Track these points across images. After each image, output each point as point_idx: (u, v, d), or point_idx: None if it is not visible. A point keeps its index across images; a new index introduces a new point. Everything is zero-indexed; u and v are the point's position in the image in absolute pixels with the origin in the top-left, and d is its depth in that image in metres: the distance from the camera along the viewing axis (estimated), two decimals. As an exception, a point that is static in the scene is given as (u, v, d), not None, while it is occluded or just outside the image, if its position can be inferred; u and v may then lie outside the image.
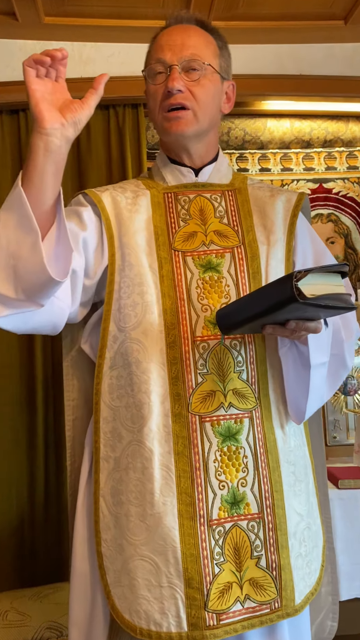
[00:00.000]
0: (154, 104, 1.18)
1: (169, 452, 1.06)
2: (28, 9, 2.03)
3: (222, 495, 1.07)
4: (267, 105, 2.34)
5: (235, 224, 1.20)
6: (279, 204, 1.24)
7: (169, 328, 1.09)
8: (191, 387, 1.08)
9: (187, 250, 1.15)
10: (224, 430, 1.09)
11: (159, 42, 1.19)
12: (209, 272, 1.14)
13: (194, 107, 1.15)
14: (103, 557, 1.08)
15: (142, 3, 2.03)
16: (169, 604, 1.02)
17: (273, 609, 1.08)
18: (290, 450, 1.14)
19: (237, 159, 2.44)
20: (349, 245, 2.49)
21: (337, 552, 1.60)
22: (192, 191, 1.22)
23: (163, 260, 1.14)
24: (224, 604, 1.04)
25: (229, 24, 2.18)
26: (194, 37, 1.18)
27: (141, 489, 1.05)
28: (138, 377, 1.08)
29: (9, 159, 2.24)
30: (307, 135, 2.43)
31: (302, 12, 2.15)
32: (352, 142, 2.46)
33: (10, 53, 2.22)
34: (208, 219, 1.19)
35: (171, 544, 1.03)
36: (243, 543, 1.07)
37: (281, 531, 1.09)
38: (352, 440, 1.96)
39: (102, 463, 1.10)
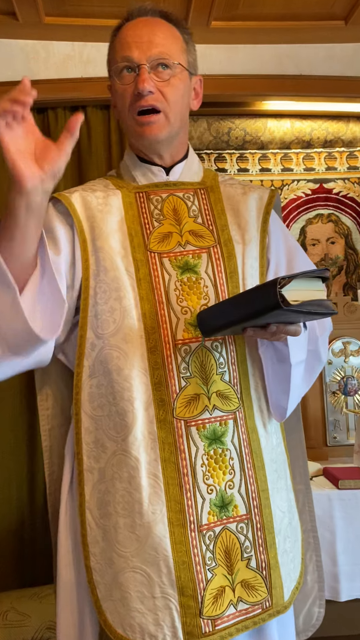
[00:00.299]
0: (123, 104, 1.13)
1: (156, 459, 1.03)
2: (28, 9, 2.03)
3: (210, 499, 1.06)
4: (267, 106, 2.34)
5: (209, 224, 1.18)
6: (252, 202, 1.23)
7: (149, 332, 1.07)
8: (175, 391, 1.06)
9: (164, 251, 1.12)
10: (209, 434, 1.07)
11: (124, 37, 1.13)
12: (186, 273, 1.12)
13: (165, 109, 1.12)
14: (92, 571, 1.04)
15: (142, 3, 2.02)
16: (163, 615, 1.00)
17: (264, 609, 1.08)
18: (273, 448, 1.15)
19: (238, 159, 2.44)
20: (349, 246, 2.49)
21: (338, 553, 1.60)
22: (164, 190, 1.18)
23: (139, 262, 1.10)
24: (218, 609, 1.03)
25: (229, 24, 2.18)
26: (161, 33, 1.13)
27: (129, 499, 1.03)
28: (120, 384, 1.05)
29: (10, 159, 2.24)
30: (307, 136, 2.43)
31: (303, 13, 2.15)
32: (353, 143, 2.46)
33: (10, 53, 2.22)
34: (182, 219, 1.17)
35: (163, 553, 1.01)
36: (233, 545, 1.07)
37: (269, 530, 1.10)
38: (352, 440, 1.96)
39: (86, 475, 1.07)
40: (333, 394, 1.98)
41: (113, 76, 1.14)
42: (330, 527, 1.61)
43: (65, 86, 2.20)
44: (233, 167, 2.44)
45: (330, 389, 1.98)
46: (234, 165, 2.43)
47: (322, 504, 1.62)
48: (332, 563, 1.61)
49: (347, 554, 1.61)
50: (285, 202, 2.47)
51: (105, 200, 1.15)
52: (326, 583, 1.60)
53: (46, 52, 2.24)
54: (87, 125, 2.24)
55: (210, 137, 2.39)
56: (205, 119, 2.37)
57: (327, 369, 1.99)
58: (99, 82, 2.13)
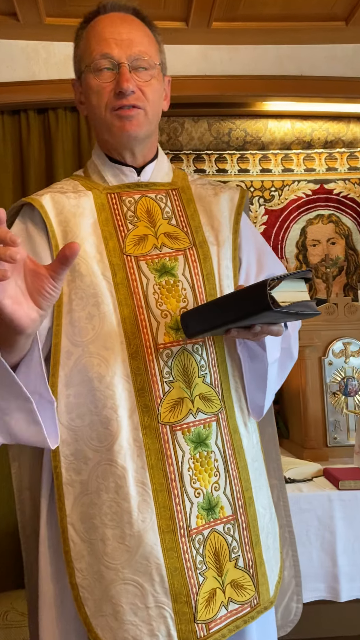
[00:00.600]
0: (99, 101, 1.09)
1: (143, 467, 1.01)
2: (29, 10, 2.03)
3: (198, 502, 1.05)
4: (268, 106, 2.34)
5: (183, 225, 1.17)
6: (224, 203, 1.22)
7: (129, 338, 1.04)
8: (159, 397, 1.04)
9: (140, 254, 1.10)
10: (194, 437, 1.06)
11: (101, 33, 1.10)
12: (164, 276, 1.10)
13: (145, 107, 1.10)
14: (79, 588, 1.01)
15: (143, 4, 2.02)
16: (158, 624, 0.99)
17: (253, 606, 1.08)
18: (253, 446, 1.15)
19: (238, 160, 2.44)
20: (349, 246, 2.49)
21: (338, 553, 1.60)
22: (136, 191, 1.16)
23: (116, 266, 1.07)
24: (211, 612, 1.03)
25: (230, 24, 2.18)
26: (138, 32, 1.12)
27: (117, 509, 1.00)
28: (102, 392, 1.03)
29: (10, 159, 2.24)
30: (308, 136, 2.43)
31: (303, 13, 2.15)
32: (353, 143, 2.46)
33: (11, 54, 2.22)
34: (157, 221, 1.14)
35: (155, 561, 0.99)
36: (221, 547, 1.06)
37: (254, 528, 1.10)
38: (353, 441, 1.96)
39: (65, 488, 1.03)
40: (333, 394, 1.98)
41: (87, 72, 1.10)
42: (330, 528, 1.61)
43: (66, 86, 2.18)
44: (234, 168, 2.44)
45: (331, 390, 1.98)
46: (235, 165, 2.43)
47: (323, 504, 1.62)
48: (332, 564, 1.60)
49: (348, 554, 1.61)
50: (285, 202, 2.47)
51: (78, 202, 1.11)
52: (326, 584, 1.60)
53: (47, 52, 2.24)
54: (88, 126, 2.25)
55: (210, 138, 2.39)
56: (206, 120, 2.37)
57: (328, 370, 1.99)
58: (100, 83, 2.13)
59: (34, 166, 2.23)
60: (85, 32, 1.13)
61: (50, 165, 2.24)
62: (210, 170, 2.42)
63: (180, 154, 2.40)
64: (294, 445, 2.08)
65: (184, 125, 2.35)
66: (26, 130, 2.24)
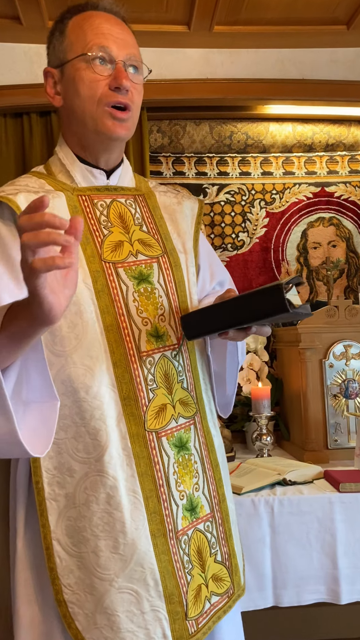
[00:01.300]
0: (91, 93, 1.05)
1: (133, 475, 1.01)
2: (32, 13, 2.04)
3: (182, 504, 1.07)
4: (269, 109, 2.35)
5: (154, 232, 1.17)
6: (186, 211, 1.24)
7: (113, 346, 1.03)
8: (145, 404, 1.04)
9: (118, 261, 1.08)
10: (177, 442, 1.08)
11: (97, 26, 1.07)
12: (142, 283, 1.09)
13: (133, 110, 1.09)
14: (67, 604, 0.99)
15: (145, 7, 2.04)
16: (154, 627, 1.00)
17: (229, 596, 1.12)
18: (220, 444, 1.19)
19: (240, 163, 2.45)
20: (350, 249, 2.49)
21: (338, 556, 1.60)
22: (106, 195, 1.13)
23: (96, 273, 1.05)
24: (199, 608, 1.05)
25: (232, 28, 2.19)
26: (130, 36, 1.11)
27: (108, 519, 0.99)
28: (89, 403, 1.01)
29: (13, 161, 2.25)
30: (309, 139, 2.44)
31: (305, 17, 2.16)
32: (354, 146, 2.47)
33: (14, 57, 2.23)
34: (130, 227, 1.13)
35: (149, 567, 1.00)
36: (203, 544, 1.09)
37: (227, 523, 1.15)
38: (353, 443, 1.96)
39: (49, 503, 1.00)
40: (334, 396, 1.98)
41: (78, 62, 1.06)
42: (331, 530, 1.61)
43: (69, 89, 2.21)
44: (235, 171, 2.45)
45: (331, 392, 1.99)
46: (236, 168, 2.44)
47: (323, 506, 1.62)
48: (333, 566, 1.60)
49: (348, 557, 1.61)
50: (286, 205, 2.47)
51: (52, 203, 1.06)
52: (327, 586, 1.61)
53: (50, 55, 2.25)
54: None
55: (212, 141, 2.40)
56: (208, 123, 2.37)
57: (328, 372, 1.99)
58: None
59: (36, 168, 2.24)
60: (73, 22, 1.10)
61: (53, 167, 2.25)
62: (211, 173, 2.43)
63: (181, 157, 2.41)
64: (295, 447, 2.08)
65: (186, 128, 2.36)
66: (28, 133, 2.25)
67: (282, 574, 1.58)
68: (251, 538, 1.58)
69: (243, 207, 2.45)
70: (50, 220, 0.70)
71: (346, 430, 1.98)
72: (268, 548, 1.60)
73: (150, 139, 2.35)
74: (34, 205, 0.71)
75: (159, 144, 2.37)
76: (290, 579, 1.59)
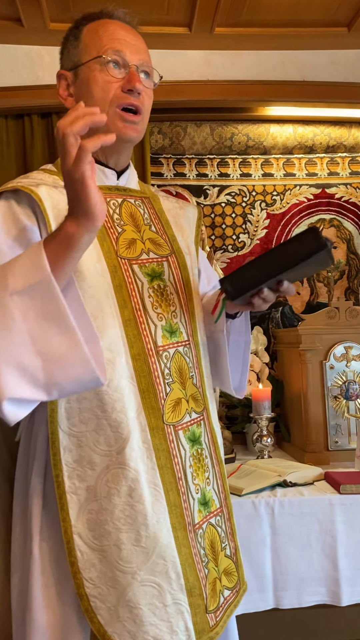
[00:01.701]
0: (104, 95, 1.08)
1: (153, 468, 1.02)
2: (34, 15, 2.04)
3: (197, 498, 1.08)
4: (270, 111, 2.35)
5: (162, 233, 1.20)
6: (189, 216, 1.30)
7: (132, 340, 1.05)
8: (163, 397, 1.06)
9: (132, 258, 1.11)
10: (191, 436, 1.10)
11: (112, 32, 1.11)
12: (155, 280, 1.12)
13: (143, 114, 1.12)
14: (89, 598, 0.98)
15: (146, 9, 2.04)
16: (176, 620, 1.00)
17: (237, 591, 1.15)
18: (222, 442, 1.22)
19: (240, 164, 2.45)
20: (351, 251, 2.49)
21: (339, 557, 1.60)
22: (117, 195, 1.16)
23: (113, 268, 1.07)
24: (216, 602, 1.07)
25: (233, 30, 2.20)
26: (142, 43, 1.15)
27: (130, 512, 0.99)
28: (110, 395, 1.01)
29: (14, 163, 2.26)
30: (310, 141, 2.44)
31: (306, 19, 2.16)
32: (355, 148, 2.47)
33: (15, 58, 2.24)
34: (141, 226, 1.16)
35: (171, 560, 1.01)
36: (215, 538, 1.11)
37: (232, 518, 1.18)
38: (354, 445, 1.96)
39: (69, 497, 1.00)
40: (335, 398, 1.98)
41: (92, 64, 1.09)
42: (331, 532, 1.61)
43: (70, 91, 2.22)
44: (236, 172, 2.45)
45: (332, 394, 1.98)
46: (237, 170, 2.45)
47: (324, 508, 1.62)
48: (334, 568, 1.60)
49: (349, 558, 1.61)
50: (287, 206, 2.48)
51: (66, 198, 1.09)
52: (327, 588, 1.60)
53: (51, 57, 2.26)
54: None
55: (213, 142, 2.40)
56: (209, 124, 2.38)
57: (329, 373, 1.99)
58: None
59: (37, 170, 2.25)
60: (88, 28, 1.14)
61: (54, 169, 2.26)
62: (212, 175, 2.43)
63: (182, 158, 2.42)
64: (295, 449, 2.08)
65: (187, 130, 2.36)
66: (30, 134, 2.25)
67: (283, 575, 1.58)
68: (252, 539, 1.58)
69: (244, 208, 2.45)
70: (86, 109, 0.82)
71: (347, 431, 1.98)
72: (268, 549, 1.59)
73: (151, 141, 2.35)
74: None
75: (160, 145, 2.38)
76: (291, 580, 1.59)
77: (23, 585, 1.06)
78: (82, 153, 0.80)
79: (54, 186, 1.09)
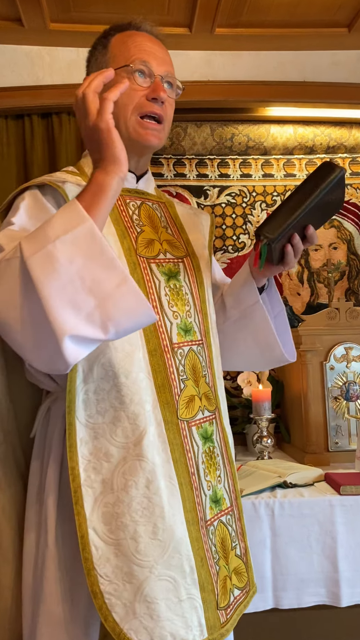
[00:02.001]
0: (128, 101, 1.13)
1: (168, 461, 1.04)
2: (34, 15, 2.04)
3: (209, 495, 1.10)
4: (270, 112, 2.35)
5: (177, 236, 1.25)
6: (203, 222, 1.35)
7: (148, 336, 1.08)
8: (177, 393, 1.09)
9: (150, 257, 1.15)
10: (204, 433, 1.12)
11: (140, 44, 1.17)
12: (172, 280, 1.16)
13: (164, 122, 1.18)
14: (104, 595, 0.97)
15: (147, 10, 2.04)
16: (190, 615, 1.00)
17: (247, 592, 1.16)
18: (232, 443, 1.24)
19: (241, 165, 2.45)
20: (351, 251, 2.49)
21: (339, 558, 1.60)
22: (136, 197, 1.21)
23: (132, 265, 1.11)
24: (226, 599, 1.08)
25: (233, 31, 2.20)
26: (167, 56, 1.22)
27: (148, 504, 1.00)
28: (129, 387, 1.03)
29: (14, 163, 2.25)
30: (310, 142, 2.44)
31: (306, 20, 2.16)
32: (355, 149, 2.47)
33: (15, 59, 2.24)
34: (158, 228, 1.21)
35: (186, 553, 1.01)
36: (226, 536, 1.12)
37: (242, 519, 1.19)
38: (354, 446, 1.96)
39: (84, 490, 1.00)
40: (335, 399, 1.98)
41: (122, 71, 1.14)
42: (331, 533, 1.61)
43: (70, 91, 2.21)
44: (236, 173, 2.45)
45: (332, 395, 1.98)
46: (237, 170, 2.44)
47: (324, 509, 1.62)
48: (333, 569, 1.60)
49: (349, 559, 1.61)
50: (288, 207, 2.48)
51: None
52: (327, 588, 1.60)
53: (51, 57, 2.26)
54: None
55: (213, 143, 2.40)
56: (209, 125, 2.38)
57: (329, 374, 1.99)
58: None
59: (38, 170, 2.24)
60: (117, 39, 1.20)
61: (54, 169, 2.25)
62: (212, 175, 2.43)
63: (182, 159, 2.41)
64: (295, 450, 2.08)
65: (187, 130, 2.36)
66: (30, 135, 2.25)
67: (283, 576, 1.58)
68: (252, 540, 1.57)
69: (244, 209, 2.45)
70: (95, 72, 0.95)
71: (347, 432, 1.98)
72: (268, 550, 1.59)
73: (151, 141, 2.35)
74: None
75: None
76: (291, 581, 1.59)
77: (37, 580, 1.06)
78: (106, 103, 0.92)
79: (77, 184, 1.13)
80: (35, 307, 0.85)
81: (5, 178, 2.23)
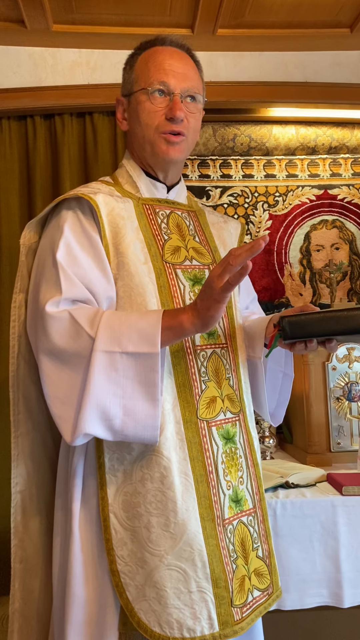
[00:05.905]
0: (150, 121, 1.20)
1: (185, 458, 1.09)
2: (37, 17, 2.05)
3: (229, 495, 1.13)
4: (272, 112, 2.35)
5: (204, 244, 1.29)
6: (232, 231, 1.39)
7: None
8: (197, 394, 1.13)
9: (176, 263, 1.21)
10: (225, 434, 1.15)
11: (160, 62, 1.21)
12: (197, 285, 1.21)
13: (188, 135, 1.23)
14: (120, 574, 1.06)
15: (149, 11, 2.04)
16: (200, 608, 1.05)
17: (269, 594, 1.17)
18: (258, 446, 1.27)
19: (243, 165, 2.45)
20: (353, 252, 2.49)
21: (341, 559, 1.59)
22: (166, 206, 1.27)
23: (158, 270, 1.16)
24: (243, 598, 1.10)
25: (235, 31, 2.20)
26: (191, 69, 1.25)
27: (161, 498, 1.06)
28: None
29: (16, 164, 2.26)
30: (312, 142, 2.44)
31: (308, 20, 2.16)
32: (358, 149, 2.47)
33: (18, 60, 2.24)
34: (186, 236, 1.26)
35: (198, 548, 1.05)
36: (246, 537, 1.14)
37: (267, 522, 1.21)
38: (356, 446, 1.95)
39: (108, 478, 1.09)
40: (337, 399, 1.98)
41: (141, 94, 1.21)
42: (333, 534, 1.61)
43: (72, 92, 2.22)
44: (238, 173, 2.45)
45: (334, 395, 1.98)
46: (239, 171, 2.45)
47: (326, 510, 1.62)
48: (336, 569, 1.60)
49: (351, 560, 1.60)
50: (289, 208, 2.48)
51: (124, 205, 1.21)
52: (329, 590, 1.60)
53: (53, 58, 2.26)
54: (94, 132, 2.26)
55: (215, 144, 2.40)
56: (211, 125, 2.38)
57: (332, 375, 1.99)
58: (106, 89, 2.14)
59: (40, 171, 2.25)
60: (141, 58, 1.25)
61: (56, 170, 2.26)
62: (214, 176, 2.43)
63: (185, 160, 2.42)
64: (297, 450, 2.08)
65: (189, 131, 2.37)
66: (32, 136, 2.25)
67: (285, 577, 1.58)
68: (253, 541, 1.58)
69: (246, 209, 2.45)
70: (255, 246, 0.95)
71: (349, 433, 1.97)
72: (270, 551, 1.59)
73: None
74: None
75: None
76: (293, 582, 1.58)
77: (63, 561, 1.14)
78: (228, 288, 0.97)
79: (110, 194, 1.21)
80: (75, 388, 1.01)
81: (7, 179, 2.24)
